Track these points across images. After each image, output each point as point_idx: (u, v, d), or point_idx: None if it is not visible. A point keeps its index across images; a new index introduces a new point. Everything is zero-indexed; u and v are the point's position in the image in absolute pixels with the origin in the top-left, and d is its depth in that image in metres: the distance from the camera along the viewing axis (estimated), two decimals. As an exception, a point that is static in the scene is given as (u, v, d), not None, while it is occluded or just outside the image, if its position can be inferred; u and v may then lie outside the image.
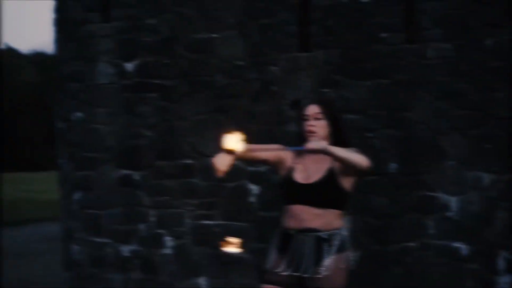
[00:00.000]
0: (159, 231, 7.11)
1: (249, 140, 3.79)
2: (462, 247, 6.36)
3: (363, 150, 6.25)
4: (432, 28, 6.40)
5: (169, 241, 7.11)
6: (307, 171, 3.94)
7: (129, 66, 7.12)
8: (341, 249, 3.88)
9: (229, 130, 3.94)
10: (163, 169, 7.08)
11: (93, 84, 7.29)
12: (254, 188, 7.13)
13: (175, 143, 7.08)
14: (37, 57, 52.18)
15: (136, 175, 7.14)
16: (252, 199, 7.12)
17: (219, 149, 3.73)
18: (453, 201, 6.39)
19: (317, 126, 3.94)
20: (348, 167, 3.81)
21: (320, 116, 3.96)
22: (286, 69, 6.95)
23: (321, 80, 6.82)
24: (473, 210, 6.32)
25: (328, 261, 3.82)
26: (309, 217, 3.86)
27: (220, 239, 6.54)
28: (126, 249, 7.20)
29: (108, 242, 7.28)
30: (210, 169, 6.29)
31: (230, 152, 3.85)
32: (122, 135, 7.17)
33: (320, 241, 3.85)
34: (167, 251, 7.11)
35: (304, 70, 6.88)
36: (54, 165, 8.46)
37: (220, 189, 7.12)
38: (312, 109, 3.99)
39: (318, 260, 3.83)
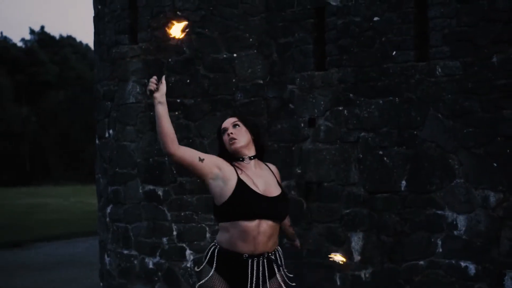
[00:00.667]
0: (181, 244, 7.36)
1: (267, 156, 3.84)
2: (470, 266, 6.24)
3: (375, 168, 6.33)
4: (440, 46, 6.34)
5: (190, 254, 7.33)
6: (258, 183, 3.83)
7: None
8: (282, 264, 3.92)
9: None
10: (184, 185, 7.32)
11: (123, 103, 7.65)
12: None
13: (196, 159, 7.31)
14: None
15: (160, 191, 7.43)
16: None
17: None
18: (461, 220, 6.29)
19: (237, 133, 3.90)
20: None
21: (238, 123, 3.94)
22: (303, 87, 7.06)
23: (335, 98, 6.89)
24: (481, 229, 6.20)
25: (276, 280, 3.84)
26: (264, 238, 3.74)
27: None
28: (151, 262, 7.48)
29: (135, 254, 7.59)
30: None
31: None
32: (148, 152, 7.49)
33: (270, 262, 3.83)
34: (189, 264, 7.34)
35: (319, 88, 6.97)
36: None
37: (240, 205, 7.29)
38: (228, 121, 3.98)
39: (264, 280, 3.79)
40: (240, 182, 3.79)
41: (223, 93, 7.32)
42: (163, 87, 3.79)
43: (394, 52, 6.59)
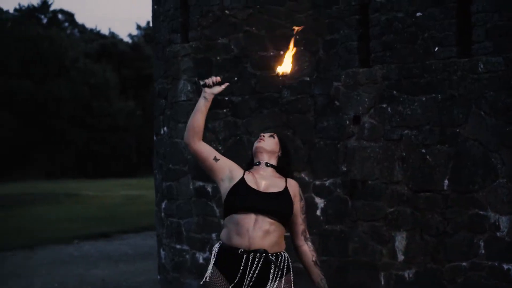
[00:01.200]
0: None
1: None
2: (512, 269, 6.04)
3: (418, 166, 6.22)
4: (483, 41, 6.14)
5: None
6: (260, 183, 3.92)
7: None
8: (287, 271, 3.85)
9: None
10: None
11: (175, 101, 7.82)
12: (319, 201, 7.26)
13: (243, 157, 7.38)
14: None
15: (209, 187, 7.55)
16: (318, 212, 7.25)
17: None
18: (503, 221, 6.09)
19: (267, 139, 4.06)
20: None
21: (274, 136, 4.12)
22: (348, 84, 7.01)
23: (379, 95, 6.80)
24: (523, 231, 5.98)
25: (275, 285, 3.78)
26: (258, 234, 3.75)
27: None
28: (201, 257, 7.63)
29: (187, 249, 7.76)
30: None
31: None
32: (197, 149, 7.62)
33: (268, 263, 3.78)
34: (237, 260, 7.43)
35: (363, 85, 6.90)
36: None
37: (287, 202, 7.32)
38: (267, 133, 4.20)
39: (264, 283, 3.77)
40: (241, 180, 3.92)
41: (270, 90, 7.35)
42: (218, 88, 4.16)
43: (437, 48, 6.43)
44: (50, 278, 10.69)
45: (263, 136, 4.09)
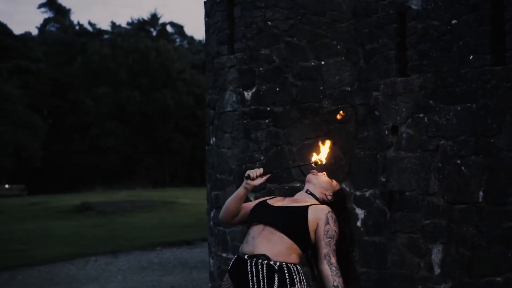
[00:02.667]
0: (270, 250, 7.49)
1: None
2: (546, 286, 5.79)
3: (453, 177, 6.08)
4: (517, 48, 5.94)
5: (279, 260, 7.44)
6: (284, 202, 4.09)
7: (248, 94, 7.65)
8: (291, 283, 3.78)
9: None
10: (273, 192, 7.46)
11: (222, 111, 7.96)
12: (360, 212, 7.20)
13: (284, 167, 7.43)
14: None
15: (252, 197, 7.62)
16: (358, 223, 7.19)
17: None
18: (538, 236, 5.85)
19: (322, 176, 4.39)
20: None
21: (335, 184, 4.41)
22: (386, 94, 6.93)
23: (416, 105, 6.69)
24: (557, 247, 5.72)
25: None
26: (263, 241, 3.81)
27: None
28: (244, 265, 7.69)
29: (232, 257, 7.84)
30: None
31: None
32: (241, 159, 7.72)
33: (271, 271, 3.76)
34: (277, 269, 7.45)
35: (401, 95, 6.80)
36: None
37: (328, 212, 7.30)
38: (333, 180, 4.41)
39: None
40: (263, 200, 4.17)
41: (311, 100, 7.36)
42: (259, 180, 4.09)
43: (471, 56, 6.26)
44: (124, 284, 11.05)
45: (321, 172, 4.39)
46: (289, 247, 3.84)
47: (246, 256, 3.83)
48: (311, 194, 4.16)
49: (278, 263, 3.80)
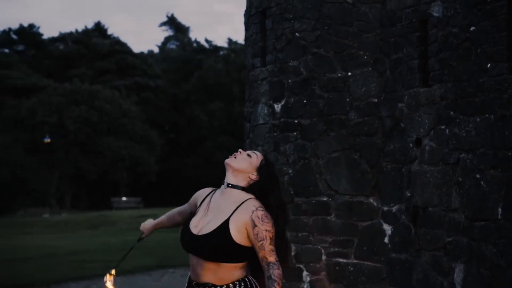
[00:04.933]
0: (298, 265, 7.36)
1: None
2: None
3: (473, 192, 5.80)
4: (534, 55, 5.57)
5: (306, 276, 7.30)
6: (206, 218, 3.73)
7: (277, 106, 7.56)
8: None
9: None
10: (301, 205, 7.33)
11: (255, 124, 7.91)
12: (387, 228, 6.95)
13: (311, 180, 7.29)
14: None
15: (281, 210, 7.51)
16: (385, 239, 6.95)
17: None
18: (555, 256, 5.43)
19: (242, 156, 3.82)
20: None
21: (252, 155, 3.84)
22: (410, 105, 6.68)
23: (438, 116, 6.40)
24: None
25: None
26: (202, 271, 3.65)
27: (354, 278, 6.70)
28: (275, 280, 7.58)
29: (263, 272, 7.76)
30: (344, 206, 6.53)
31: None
32: (271, 172, 7.63)
33: None
34: (305, 285, 7.31)
35: (424, 106, 6.53)
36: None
37: (355, 228, 7.10)
38: (250, 151, 3.99)
39: None
40: (189, 217, 3.85)
41: (337, 112, 7.19)
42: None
43: (489, 65, 5.91)
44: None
45: (240, 152, 3.83)
46: (229, 269, 3.65)
47: (194, 283, 3.70)
48: (233, 186, 3.75)
49: (224, 286, 3.66)
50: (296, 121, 7.40)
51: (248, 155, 3.82)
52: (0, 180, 43.17)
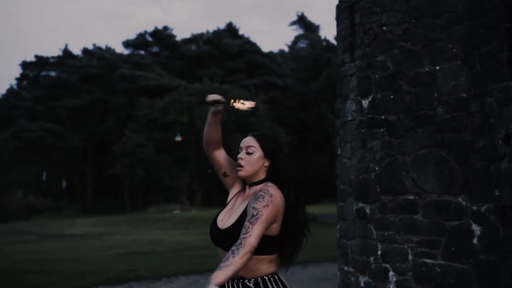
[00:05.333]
0: (384, 265, 7.18)
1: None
2: None
3: None
4: None
5: (393, 276, 7.11)
6: (231, 212, 3.62)
7: (365, 102, 7.41)
8: None
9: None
10: (387, 204, 7.14)
11: (344, 121, 7.79)
12: (476, 228, 6.66)
13: (398, 178, 7.09)
14: None
15: (367, 208, 7.36)
16: (474, 240, 6.65)
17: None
18: None
19: (247, 160, 3.55)
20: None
21: (252, 150, 3.55)
22: (499, 100, 6.35)
23: (527, 111, 6.05)
24: None
25: None
26: None
27: (441, 280, 6.53)
28: (362, 280, 7.44)
29: (351, 271, 7.63)
30: (432, 205, 6.35)
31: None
32: (358, 169, 7.48)
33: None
34: (391, 286, 7.12)
35: (512, 100, 6.20)
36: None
37: (442, 228, 6.84)
38: (246, 141, 3.62)
39: None
40: (218, 212, 3.72)
41: (425, 108, 6.94)
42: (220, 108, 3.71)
43: None
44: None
45: (240, 158, 3.57)
46: (256, 262, 3.49)
47: None
48: (255, 183, 3.57)
49: (253, 280, 3.53)
50: (383, 117, 7.21)
51: (247, 153, 3.57)
52: (135, 177, 44.90)
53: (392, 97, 7.13)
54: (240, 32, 58.06)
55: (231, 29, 57.57)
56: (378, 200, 7.20)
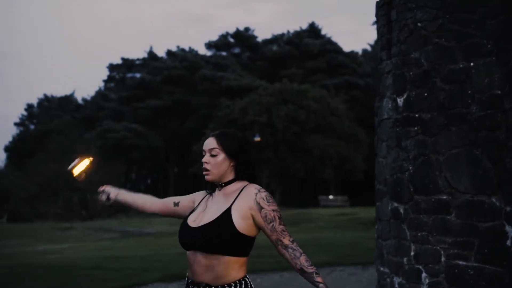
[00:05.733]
0: (417, 266, 7.03)
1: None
2: None
3: None
4: None
5: (425, 277, 6.96)
6: (206, 212, 3.51)
7: (400, 100, 7.28)
8: None
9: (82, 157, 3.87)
10: (420, 203, 6.99)
11: (381, 119, 7.67)
12: (510, 230, 6.45)
13: (431, 177, 6.93)
14: None
15: (401, 208, 7.22)
16: (508, 242, 6.45)
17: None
18: None
19: (212, 163, 3.46)
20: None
21: (215, 152, 3.45)
22: (532, 96, 6.14)
23: (558, 108, 5.82)
24: None
25: None
26: (199, 268, 3.44)
27: (474, 282, 6.42)
28: (396, 281, 7.31)
29: (387, 272, 7.50)
30: (465, 206, 6.25)
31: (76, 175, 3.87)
32: (393, 168, 7.35)
33: None
34: (424, 287, 6.97)
35: (545, 97, 5.97)
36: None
37: (475, 229, 6.65)
38: (208, 144, 3.48)
39: None
40: (188, 215, 3.61)
41: (458, 106, 6.76)
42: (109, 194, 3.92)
43: None
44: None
45: (205, 161, 3.47)
46: (227, 265, 3.41)
47: (189, 281, 3.51)
48: (226, 183, 3.50)
49: (219, 287, 3.43)
50: (417, 115, 7.07)
51: (211, 155, 3.47)
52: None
53: (426, 94, 6.98)
54: (323, 32, 57.88)
55: (313, 29, 57.49)
56: (411, 200, 7.06)
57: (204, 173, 3.47)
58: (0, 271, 15.00)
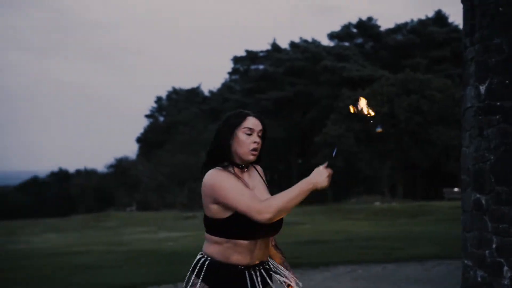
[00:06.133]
0: (499, 259, 6.81)
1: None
2: None
3: None
4: None
5: (507, 271, 6.73)
6: (254, 190, 3.55)
7: (482, 88, 7.06)
8: (193, 270, 3.45)
9: None
10: (501, 194, 6.76)
11: (465, 108, 7.47)
12: None
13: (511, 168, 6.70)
14: None
15: (483, 199, 7.01)
16: None
17: None
18: None
19: (260, 145, 3.47)
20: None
21: (261, 133, 3.48)
22: None
23: None
24: None
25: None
26: (260, 252, 3.48)
27: None
28: (479, 275, 7.11)
29: (470, 265, 7.30)
30: None
31: None
32: (475, 158, 7.14)
33: (267, 271, 3.53)
34: (505, 281, 6.75)
35: None
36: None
37: (558, 222, 6.38)
38: (258, 124, 3.47)
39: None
40: None
41: (541, 93, 6.49)
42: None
43: None
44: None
45: (256, 142, 3.46)
46: (206, 239, 3.46)
47: (241, 267, 3.44)
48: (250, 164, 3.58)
49: (199, 254, 3.49)
50: (498, 103, 6.83)
51: (259, 136, 3.53)
52: (335, 167, 45.24)
53: (507, 82, 6.73)
54: (450, 20, 56.26)
55: (439, 17, 55.98)
56: (493, 191, 6.84)
57: (253, 153, 3.43)
58: (113, 256, 15.73)
